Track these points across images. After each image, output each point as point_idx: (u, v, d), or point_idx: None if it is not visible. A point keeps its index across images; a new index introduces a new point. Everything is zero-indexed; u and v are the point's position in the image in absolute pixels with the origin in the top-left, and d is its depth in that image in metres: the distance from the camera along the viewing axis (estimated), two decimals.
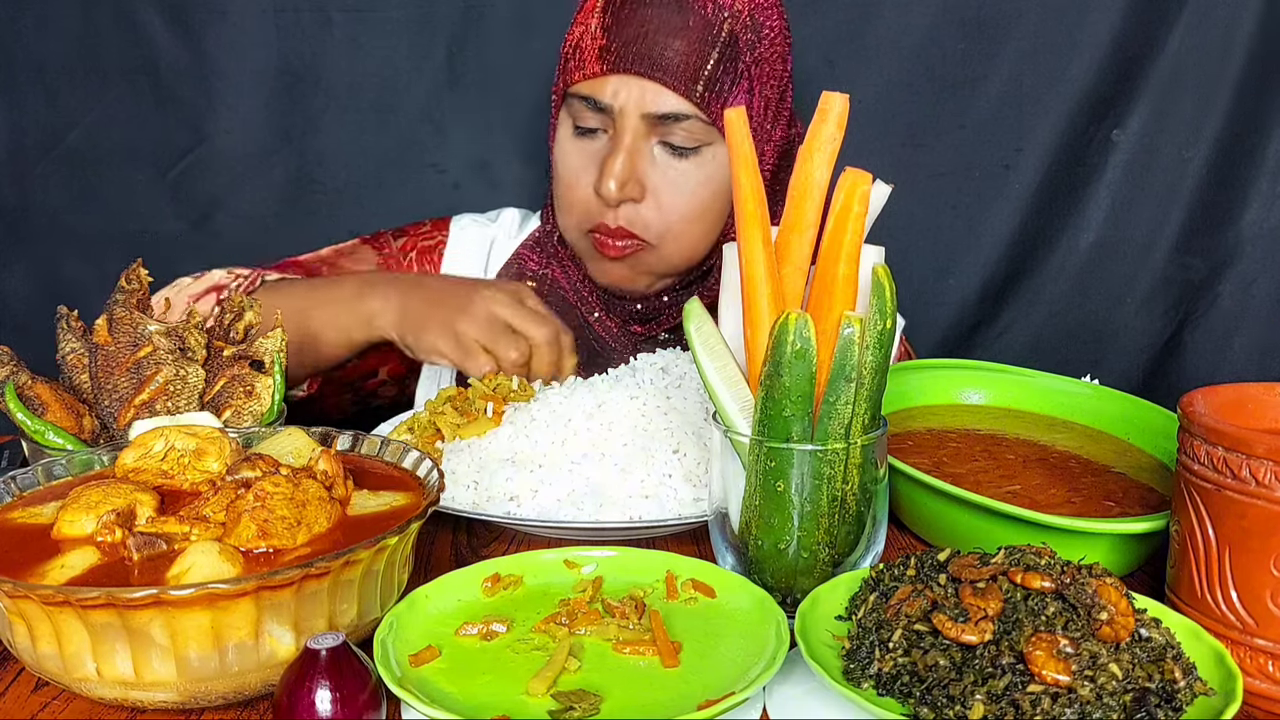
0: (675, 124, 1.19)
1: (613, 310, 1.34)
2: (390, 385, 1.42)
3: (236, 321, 1.07)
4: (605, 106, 1.21)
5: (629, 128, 1.20)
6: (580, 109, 1.23)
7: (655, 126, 1.20)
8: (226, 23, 1.67)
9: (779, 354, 0.76)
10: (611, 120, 1.21)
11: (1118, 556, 0.89)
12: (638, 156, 1.21)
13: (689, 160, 1.22)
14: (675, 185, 1.22)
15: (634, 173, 1.21)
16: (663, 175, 1.22)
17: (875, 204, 0.82)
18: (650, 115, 1.19)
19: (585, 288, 1.34)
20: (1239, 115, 1.66)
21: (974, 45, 1.68)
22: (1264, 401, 0.83)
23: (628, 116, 1.20)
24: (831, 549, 0.80)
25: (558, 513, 0.96)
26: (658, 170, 1.22)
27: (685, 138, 1.21)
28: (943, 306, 1.77)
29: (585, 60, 1.21)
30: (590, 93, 1.21)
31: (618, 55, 1.18)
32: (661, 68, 1.17)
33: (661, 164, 1.22)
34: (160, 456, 0.83)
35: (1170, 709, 0.64)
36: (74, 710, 0.73)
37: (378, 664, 0.68)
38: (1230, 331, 1.73)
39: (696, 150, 1.21)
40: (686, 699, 0.67)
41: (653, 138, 1.21)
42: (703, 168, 1.23)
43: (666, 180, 1.22)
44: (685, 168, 1.22)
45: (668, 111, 1.19)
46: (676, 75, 1.17)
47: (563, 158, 1.28)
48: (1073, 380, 1.15)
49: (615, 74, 1.19)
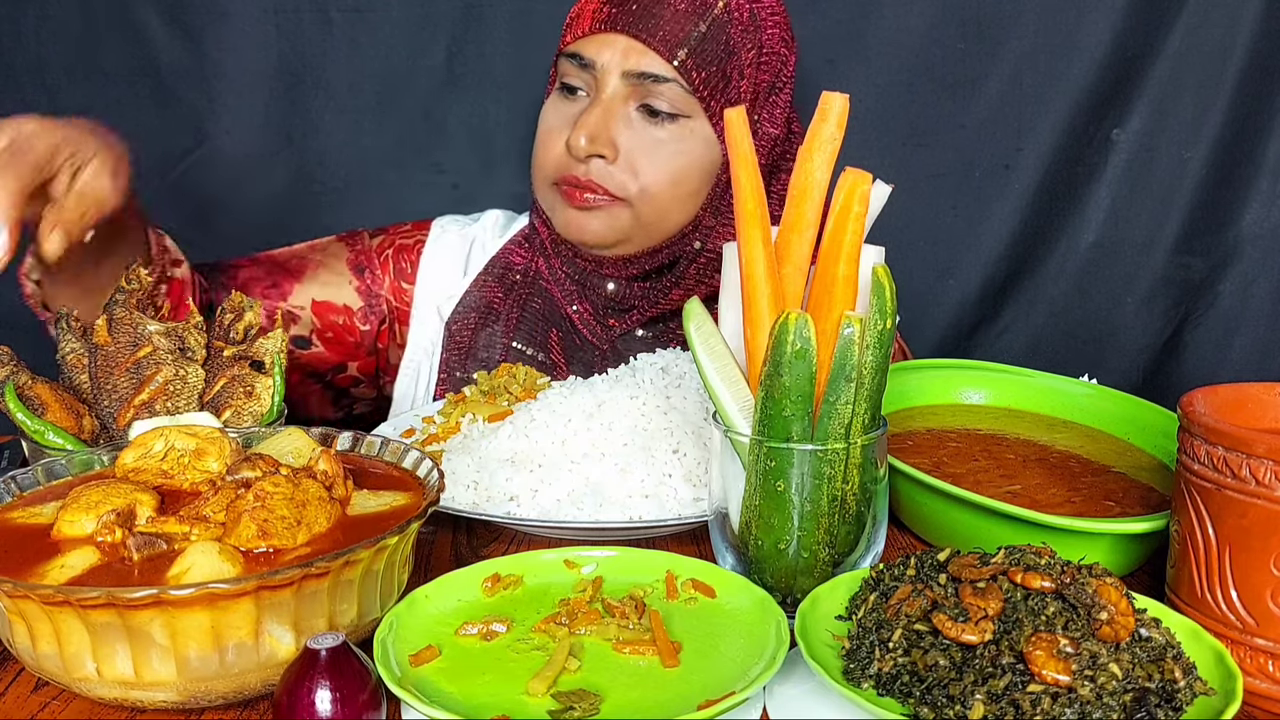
0: (655, 85, 1.20)
1: (588, 296, 1.34)
2: (365, 384, 1.42)
3: (237, 322, 1.07)
4: (589, 62, 1.22)
5: (609, 85, 1.22)
6: (567, 67, 1.25)
7: (635, 88, 1.21)
8: (226, 23, 1.67)
9: (779, 354, 0.76)
10: (594, 79, 1.23)
11: (1118, 556, 0.89)
12: (612, 116, 1.22)
13: (665, 128, 1.22)
14: (649, 150, 1.23)
15: (607, 130, 1.22)
16: (637, 138, 1.23)
17: (875, 204, 0.82)
18: (630, 74, 1.20)
19: (565, 279, 1.35)
20: (1239, 115, 1.66)
21: (974, 45, 1.68)
22: (1264, 401, 0.83)
23: (609, 74, 1.21)
24: (831, 549, 0.80)
25: (558, 513, 0.96)
26: (633, 132, 1.23)
27: (664, 104, 1.21)
28: (943, 306, 1.77)
29: (580, 21, 1.24)
30: (578, 49, 1.23)
31: (609, 15, 1.21)
32: (648, 30, 1.19)
33: (638, 127, 1.23)
34: (160, 456, 0.83)
35: (1170, 709, 0.64)
36: (74, 710, 0.73)
37: (378, 664, 0.68)
38: (1230, 331, 1.73)
39: (674, 119, 1.22)
40: (686, 699, 0.67)
41: (632, 101, 1.22)
42: (680, 139, 1.23)
43: (640, 143, 1.23)
44: (661, 135, 1.23)
45: (647, 70, 1.20)
46: (661, 38, 1.19)
47: (542, 118, 1.29)
48: (1073, 380, 1.15)
49: (604, 32, 1.21)
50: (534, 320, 1.36)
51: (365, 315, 1.37)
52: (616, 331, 1.35)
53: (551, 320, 1.36)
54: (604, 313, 1.35)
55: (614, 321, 1.35)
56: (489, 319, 1.36)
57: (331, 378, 1.40)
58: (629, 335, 1.35)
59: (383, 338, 1.39)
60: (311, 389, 1.39)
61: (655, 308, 1.33)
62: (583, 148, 1.21)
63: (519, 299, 1.37)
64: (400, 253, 1.39)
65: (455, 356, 1.36)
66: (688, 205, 1.27)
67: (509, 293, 1.37)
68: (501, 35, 1.69)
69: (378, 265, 1.38)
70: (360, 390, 1.44)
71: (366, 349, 1.38)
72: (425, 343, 1.39)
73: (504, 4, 1.68)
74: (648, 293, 1.32)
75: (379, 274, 1.38)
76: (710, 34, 1.20)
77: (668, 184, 1.24)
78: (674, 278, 1.31)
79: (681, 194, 1.25)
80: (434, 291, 1.39)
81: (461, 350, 1.36)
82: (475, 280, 1.38)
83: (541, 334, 1.36)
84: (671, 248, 1.29)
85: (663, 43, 1.19)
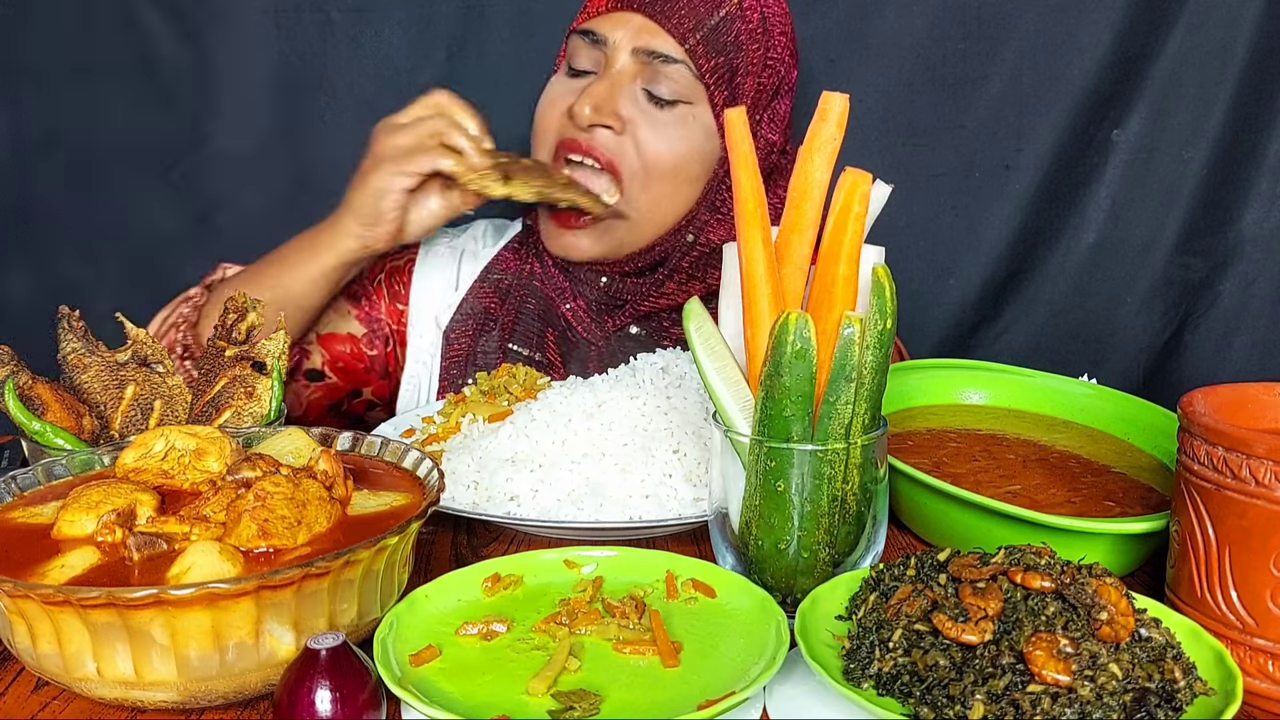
0: (664, 66, 1.21)
1: (581, 293, 1.34)
2: (378, 408, 1.43)
3: (239, 322, 1.06)
4: (600, 39, 1.23)
5: (619, 61, 1.22)
6: (578, 46, 1.25)
7: (644, 67, 1.22)
8: (226, 23, 1.67)
9: (779, 354, 0.76)
10: (604, 55, 1.23)
11: (1118, 556, 0.89)
12: (619, 90, 1.23)
13: (668, 113, 1.23)
14: (655, 130, 1.23)
15: (612, 101, 1.22)
16: (643, 115, 1.23)
17: (875, 204, 0.82)
18: (641, 51, 1.21)
19: (558, 276, 1.35)
20: (1239, 115, 1.66)
21: (974, 45, 1.68)
22: (1264, 401, 0.83)
23: (620, 50, 1.22)
24: (831, 549, 0.80)
25: (558, 512, 0.96)
26: (639, 110, 1.23)
27: (669, 88, 1.22)
28: (943, 306, 1.77)
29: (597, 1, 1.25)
30: (591, 26, 1.24)
31: None
32: (664, 12, 1.21)
33: (643, 107, 1.23)
34: (160, 456, 0.83)
35: (1170, 709, 0.64)
36: (74, 710, 0.73)
37: (378, 664, 0.68)
38: (1230, 331, 1.73)
39: (675, 105, 1.23)
40: (686, 699, 0.67)
41: (638, 80, 1.22)
42: (683, 124, 1.24)
43: (647, 121, 1.23)
44: (665, 118, 1.23)
45: (658, 49, 1.21)
46: (676, 21, 1.20)
47: (545, 92, 1.30)
48: (1073, 380, 1.15)
49: (619, 10, 1.23)
50: (530, 321, 1.36)
51: (370, 340, 1.38)
52: (611, 328, 1.35)
53: (547, 320, 1.36)
54: (598, 309, 1.35)
55: (608, 318, 1.35)
56: (486, 325, 1.37)
57: (347, 406, 1.41)
58: (623, 332, 1.36)
59: (390, 360, 1.40)
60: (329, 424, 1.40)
61: (648, 303, 1.33)
62: (587, 116, 1.22)
63: (515, 303, 1.37)
64: (392, 275, 1.40)
65: (454, 364, 1.36)
66: (683, 193, 1.26)
67: (505, 298, 1.37)
68: (501, 35, 1.69)
69: (372, 291, 1.39)
70: (374, 415, 1.44)
71: (378, 373, 1.40)
72: (424, 355, 1.40)
73: (504, 4, 1.68)
74: (640, 287, 1.33)
75: (375, 299, 1.39)
76: (723, 26, 1.21)
77: (669, 164, 1.24)
78: (667, 271, 1.31)
79: (680, 179, 1.25)
80: (429, 304, 1.39)
81: (460, 357, 1.36)
82: (470, 289, 1.39)
83: (537, 334, 1.36)
84: (664, 243, 1.29)
85: (676, 25, 1.20)
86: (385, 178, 1.20)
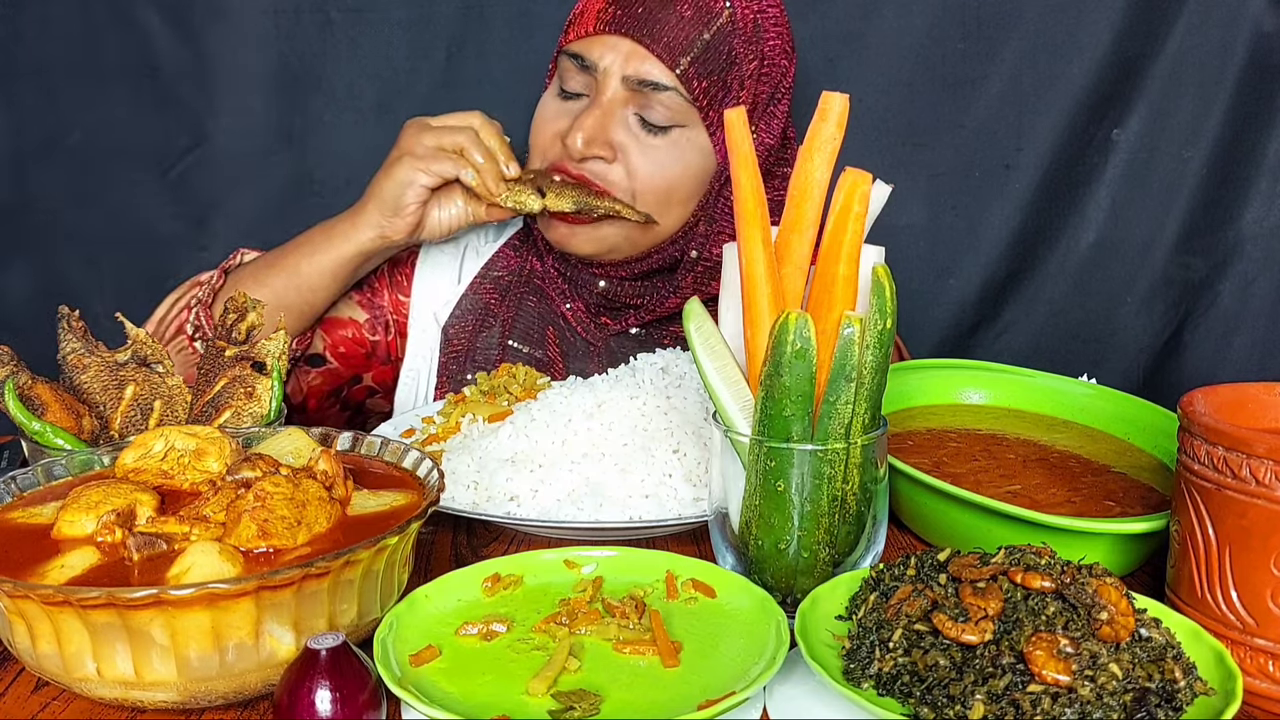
0: (654, 94, 1.20)
1: (580, 294, 1.34)
2: (379, 395, 1.43)
3: (239, 322, 1.06)
4: (590, 65, 1.22)
5: (609, 88, 1.22)
6: (568, 68, 1.25)
7: (634, 94, 1.21)
8: (226, 23, 1.67)
9: (779, 354, 0.76)
10: (595, 82, 1.23)
11: (1118, 556, 0.89)
12: (611, 119, 1.22)
13: (660, 138, 1.23)
14: (646, 155, 1.23)
15: (604, 132, 1.22)
16: (635, 141, 1.23)
17: (875, 204, 0.82)
18: (631, 79, 1.20)
19: (558, 276, 1.35)
20: (1239, 115, 1.66)
21: (974, 45, 1.68)
22: (1264, 401, 0.83)
23: (610, 77, 1.21)
24: (831, 549, 0.80)
25: (558, 512, 0.96)
26: (630, 137, 1.23)
27: (661, 113, 1.21)
28: (943, 306, 1.77)
29: (584, 20, 1.24)
30: (580, 50, 1.23)
31: (613, 17, 1.21)
32: (652, 35, 1.19)
33: (634, 133, 1.23)
34: (160, 456, 0.83)
35: (1170, 709, 0.64)
36: (74, 710, 0.73)
37: (378, 664, 0.68)
38: (1230, 331, 1.73)
39: (667, 130, 1.22)
40: (686, 699, 0.67)
41: (630, 106, 1.22)
42: (676, 148, 1.23)
43: (638, 147, 1.23)
44: (657, 143, 1.23)
45: (648, 78, 1.20)
46: (665, 45, 1.19)
47: (541, 106, 1.30)
48: (1073, 380, 1.15)
49: (607, 34, 1.21)
50: (530, 319, 1.36)
51: (372, 326, 1.38)
52: (610, 330, 1.35)
53: (547, 319, 1.36)
54: (596, 311, 1.35)
55: (607, 320, 1.35)
56: (486, 321, 1.37)
57: (347, 392, 1.41)
58: (623, 334, 1.36)
59: (392, 348, 1.40)
60: (329, 411, 1.40)
61: (651, 313, 1.33)
62: (579, 149, 1.22)
63: (515, 299, 1.37)
64: (394, 265, 1.40)
65: (454, 360, 1.36)
66: (678, 212, 1.27)
67: (505, 295, 1.38)
68: (501, 36, 1.69)
69: (375, 279, 1.39)
70: (375, 402, 1.44)
71: (380, 359, 1.40)
72: (424, 350, 1.40)
73: (504, 4, 1.68)
74: (640, 293, 1.33)
75: (378, 286, 1.39)
76: (714, 43, 1.20)
77: (662, 190, 1.24)
78: (671, 286, 1.31)
79: (673, 201, 1.26)
80: (430, 299, 1.39)
81: (459, 354, 1.36)
82: (471, 285, 1.39)
83: (538, 332, 1.36)
84: (661, 253, 1.29)
85: (666, 49, 1.19)
86: (408, 171, 1.21)
